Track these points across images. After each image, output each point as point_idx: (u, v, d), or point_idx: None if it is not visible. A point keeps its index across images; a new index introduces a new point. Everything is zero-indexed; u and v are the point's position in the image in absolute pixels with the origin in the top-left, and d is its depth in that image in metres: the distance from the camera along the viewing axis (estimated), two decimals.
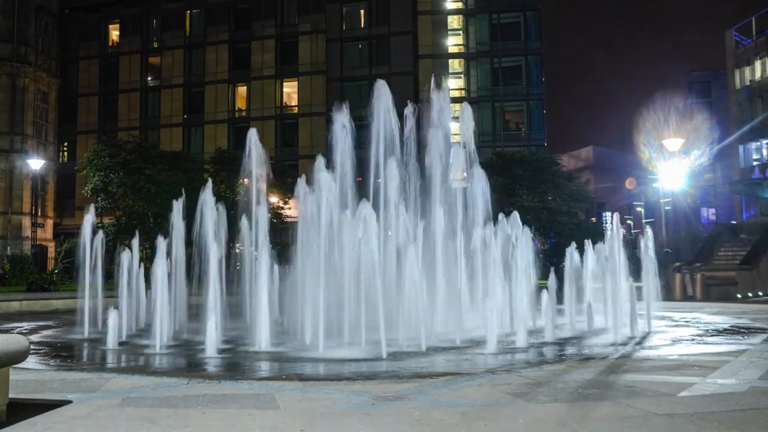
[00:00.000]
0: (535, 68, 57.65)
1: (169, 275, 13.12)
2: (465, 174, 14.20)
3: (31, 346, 7.12)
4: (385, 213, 13.13)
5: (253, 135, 15.28)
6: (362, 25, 59.20)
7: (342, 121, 13.41)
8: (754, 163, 45.85)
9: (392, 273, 12.84)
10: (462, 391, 6.48)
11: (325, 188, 11.27)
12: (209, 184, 13.83)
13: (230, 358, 9.92)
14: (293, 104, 60.00)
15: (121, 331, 12.17)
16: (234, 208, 42.40)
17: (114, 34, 64.12)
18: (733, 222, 44.77)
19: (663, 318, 15.31)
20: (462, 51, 57.81)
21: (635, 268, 15.68)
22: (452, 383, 6.96)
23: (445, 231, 13.71)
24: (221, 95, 59.84)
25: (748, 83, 47.07)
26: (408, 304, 12.29)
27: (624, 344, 10.73)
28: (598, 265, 14.46)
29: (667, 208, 41.75)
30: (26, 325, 15.32)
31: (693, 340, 11.31)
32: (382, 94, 13.71)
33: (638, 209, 68.04)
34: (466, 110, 15.55)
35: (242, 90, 60.61)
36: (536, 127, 56.99)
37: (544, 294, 11.96)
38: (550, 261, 39.43)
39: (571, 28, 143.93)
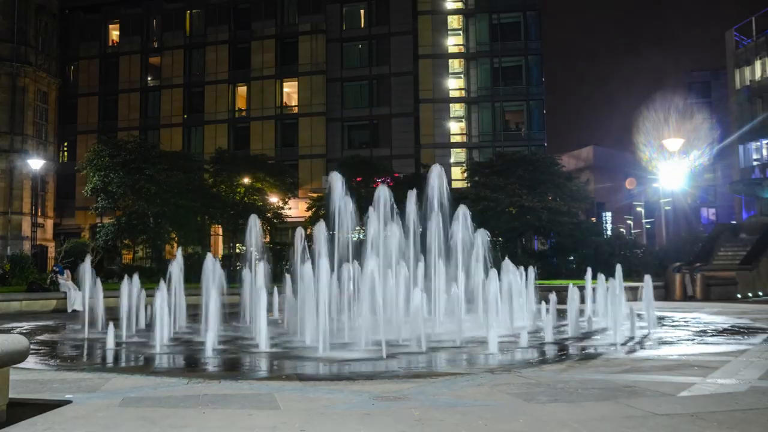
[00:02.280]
0: (535, 68, 57.62)
1: (170, 275, 13.14)
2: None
3: (31, 346, 7.12)
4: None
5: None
6: (362, 25, 59.19)
7: None
8: (754, 163, 45.84)
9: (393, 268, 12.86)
10: (462, 391, 6.48)
11: None
12: None
13: (230, 358, 9.92)
14: (293, 104, 60.00)
15: (121, 331, 12.17)
16: (234, 207, 42.56)
17: (114, 34, 64.13)
18: (733, 222, 44.77)
19: (663, 318, 15.30)
20: (462, 51, 57.79)
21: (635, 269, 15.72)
22: (452, 383, 6.96)
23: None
24: (221, 95, 59.84)
25: (748, 83, 47.05)
26: (408, 305, 12.30)
27: (624, 344, 10.73)
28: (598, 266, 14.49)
29: (667, 208, 41.75)
30: (26, 325, 15.31)
31: (693, 340, 11.30)
32: None
33: (638, 209, 68.02)
34: None
35: (242, 90, 60.61)
36: (536, 127, 56.96)
37: (544, 294, 11.96)
38: (550, 261, 39.42)
39: (571, 28, 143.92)
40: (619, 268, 13.08)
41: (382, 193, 13.30)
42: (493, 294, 12.47)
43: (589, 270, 15.61)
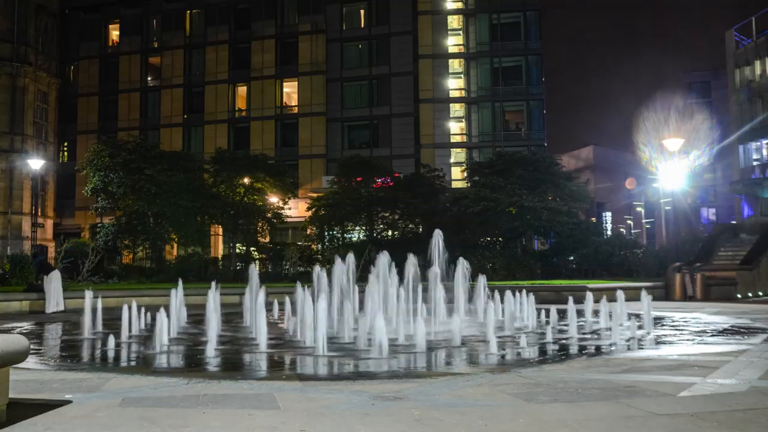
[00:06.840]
0: (535, 68, 57.62)
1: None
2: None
3: (31, 346, 7.12)
4: None
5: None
6: (362, 25, 59.19)
7: None
8: (754, 163, 45.82)
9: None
10: (462, 391, 6.48)
11: None
12: None
13: (230, 358, 9.92)
14: (293, 104, 60.00)
15: (120, 331, 12.16)
16: (234, 207, 42.62)
17: (114, 34, 64.13)
18: (733, 222, 44.78)
19: (663, 318, 15.30)
20: (462, 51, 57.79)
21: (635, 269, 15.70)
22: (452, 383, 6.96)
23: None
24: (221, 95, 59.84)
25: (748, 83, 47.03)
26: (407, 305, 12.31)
27: (624, 344, 10.72)
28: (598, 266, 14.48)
29: (667, 208, 41.75)
30: (26, 325, 15.32)
31: (693, 340, 11.30)
32: None
33: (638, 209, 68.05)
34: None
35: (242, 90, 60.60)
36: (536, 127, 56.96)
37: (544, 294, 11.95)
38: (550, 261, 39.39)
39: (571, 28, 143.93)
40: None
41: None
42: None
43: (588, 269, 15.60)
